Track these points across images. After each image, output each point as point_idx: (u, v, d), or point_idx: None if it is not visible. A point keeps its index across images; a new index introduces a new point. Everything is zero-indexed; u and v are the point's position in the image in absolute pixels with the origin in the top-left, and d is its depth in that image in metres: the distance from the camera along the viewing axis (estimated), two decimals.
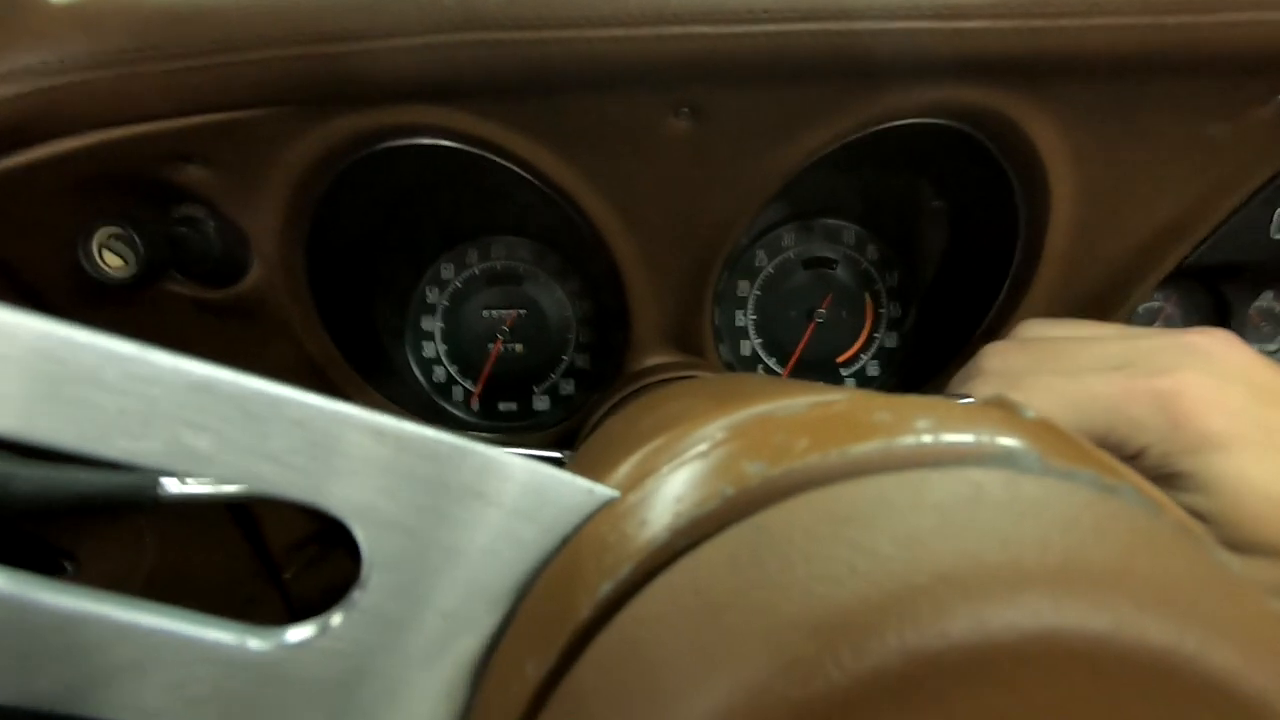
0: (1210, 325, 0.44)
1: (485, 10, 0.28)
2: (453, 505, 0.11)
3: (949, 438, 0.10)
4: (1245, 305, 0.42)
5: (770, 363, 0.48)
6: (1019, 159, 0.33)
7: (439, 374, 0.48)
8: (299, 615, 0.11)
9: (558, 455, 0.35)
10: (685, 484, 0.11)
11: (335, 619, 0.11)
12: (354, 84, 0.29)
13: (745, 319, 0.48)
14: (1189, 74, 0.30)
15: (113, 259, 0.28)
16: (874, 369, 0.49)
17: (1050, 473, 0.10)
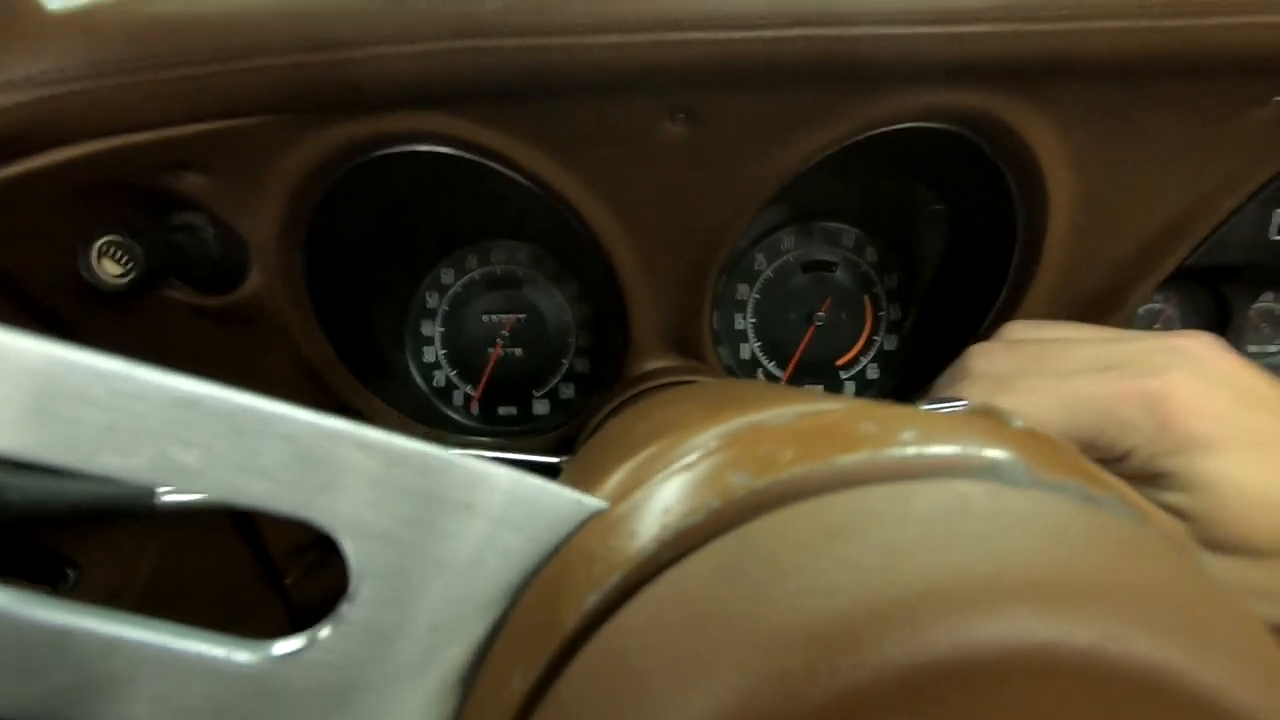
0: (1211, 327, 0.44)
1: (482, 17, 0.28)
2: (441, 518, 0.11)
3: (935, 449, 0.10)
4: (1245, 307, 0.42)
5: (770, 366, 0.48)
6: (1016, 163, 0.33)
7: (439, 378, 0.48)
8: (300, 621, 0.11)
9: (556, 461, 0.35)
10: (673, 496, 0.11)
11: (324, 632, 0.11)
12: (352, 91, 0.29)
13: (745, 322, 0.48)
14: (1186, 77, 0.30)
15: (111, 266, 0.29)
16: (874, 371, 0.48)
17: (1036, 484, 0.10)
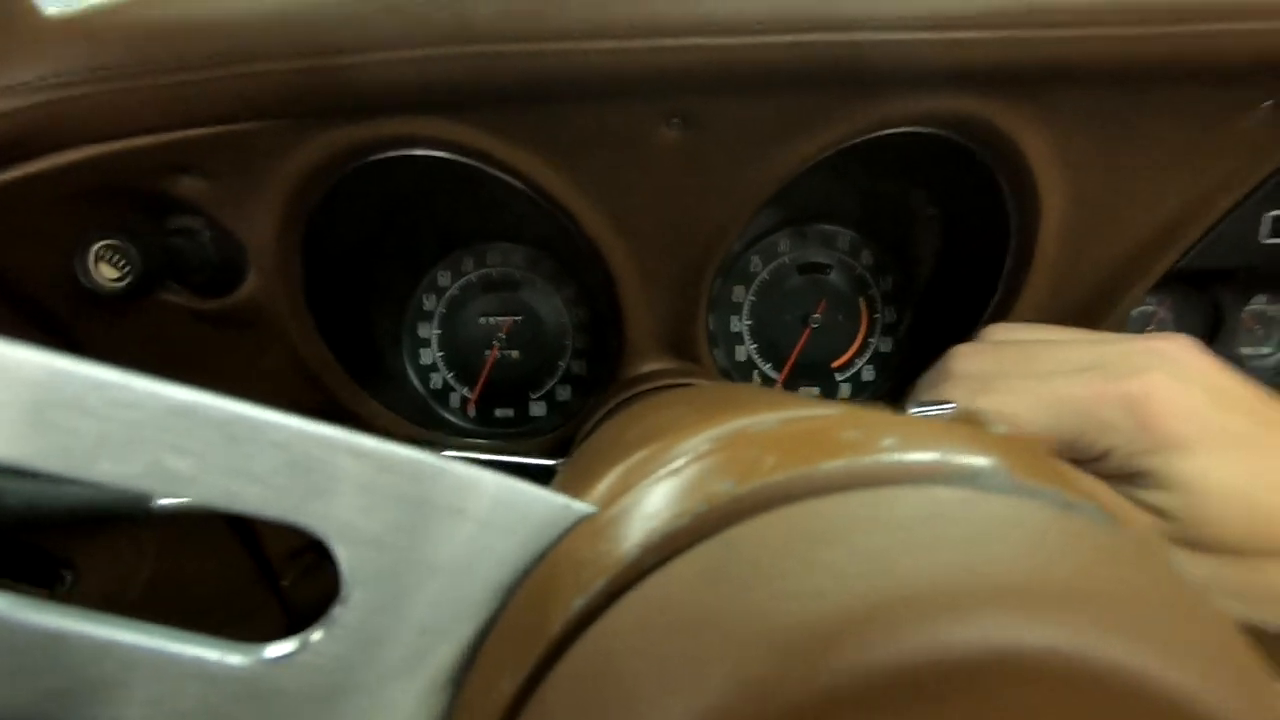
0: (1204, 329, 0.44)
1: (478, 23, 0.28)
2: (432, 523, 0.11)
3: (915, 456, 0.10)
4: (1238, 309, 0.43)
5: (766, 368, 0.49)
6: (1008, 167, 0.33)
7: (436, 381, 0.48)
8: (298, 623, 0.11)
9: (552, 463, 0.35)
10: (659, 501, 0.11)
11: (315, 635, 0.11)
12: (349, 97, 0.29)
13: (740, 324, 0.48)
14: (1177, 83, 0.30)
15: (108, 270, 0.29)
16: (869, 373, 0.49)
17: (1014, 490, 0.10)
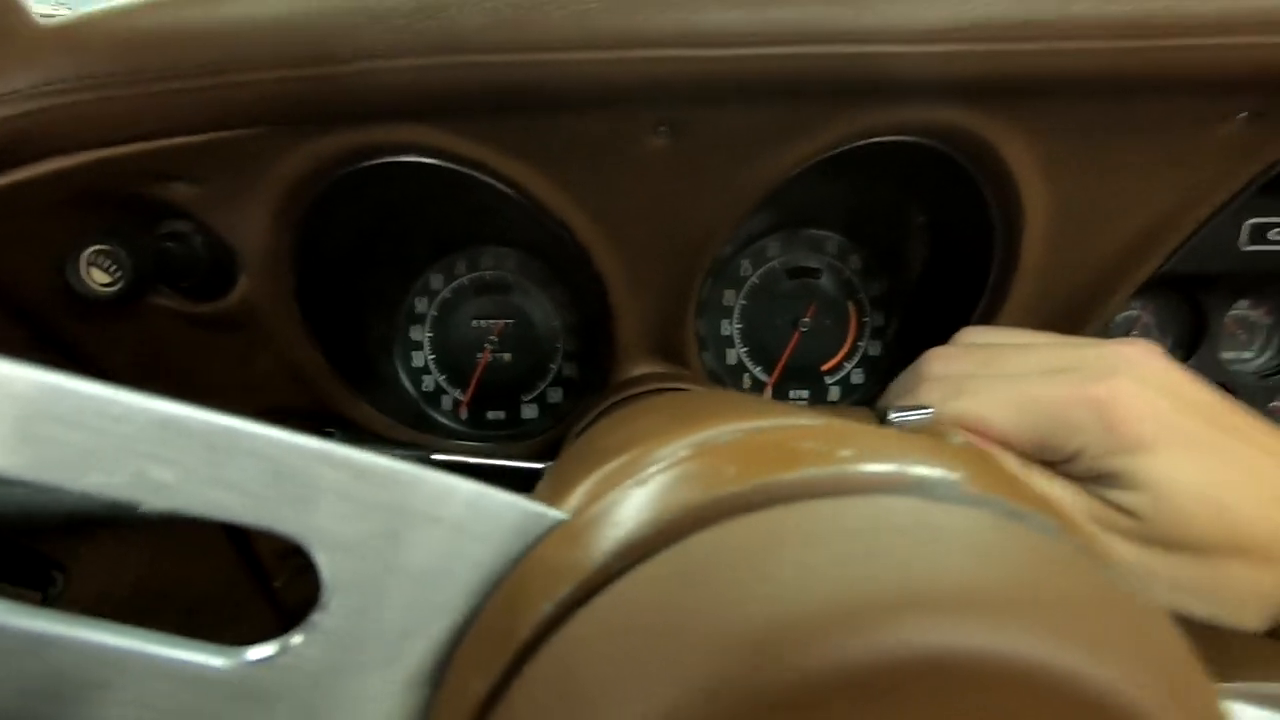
0: (1187, 334, 0.45)
1: (466, 33, 0.29)
2: (409, 530, 0.12)
3: (870, 467, 0.11)
4: (1221, 314, 0.43)
5: (756, 371, 0.49)
6: (992, 175, 0.34)
7: (428, 383, 0.48)
8: (289, 624, 0.12)
9: (540, 467, 0.36)
10: (626, 509, 0.11)
11: (296, 638, 0.11)
12: (339, 105, 0.30)
13: (731, 328, 0.49)
14: (1156, 95, 0.31)
15: (99, 275, 0.29)
16: (858, 377, 0.49)
17: (960, 500, 0.10)
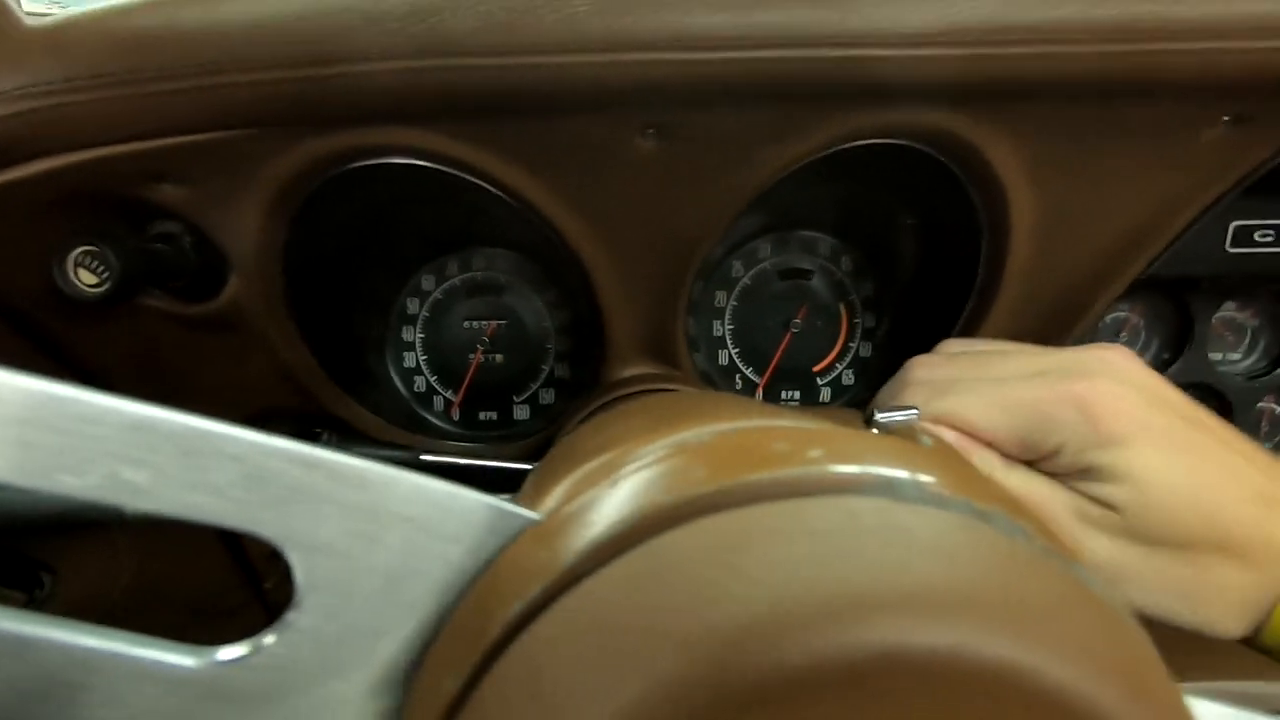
0: (1175, 336, 0.45)
1: (456, 36, 0.29)
2: (383, 531, 0.12)
3: (837, 468, 0.11)
4: (1208, 316, 0.43)
5: (748, 372, 0.49)
6: (978, 178, 0.34)
7: (419, 384, 0.48)
8: None
9: (528, 468, 0.36)
10: (597, 510, 0.12)
11: (269, 639, 0.12)
12: (330, 107, 0.30)
13: (722, 329, 0.49)
14: (1141, 99, 0.31)
15: (87, 276, 0.29)
16: (849, 378, 0.49)
17: (926, 500, 0.11)
